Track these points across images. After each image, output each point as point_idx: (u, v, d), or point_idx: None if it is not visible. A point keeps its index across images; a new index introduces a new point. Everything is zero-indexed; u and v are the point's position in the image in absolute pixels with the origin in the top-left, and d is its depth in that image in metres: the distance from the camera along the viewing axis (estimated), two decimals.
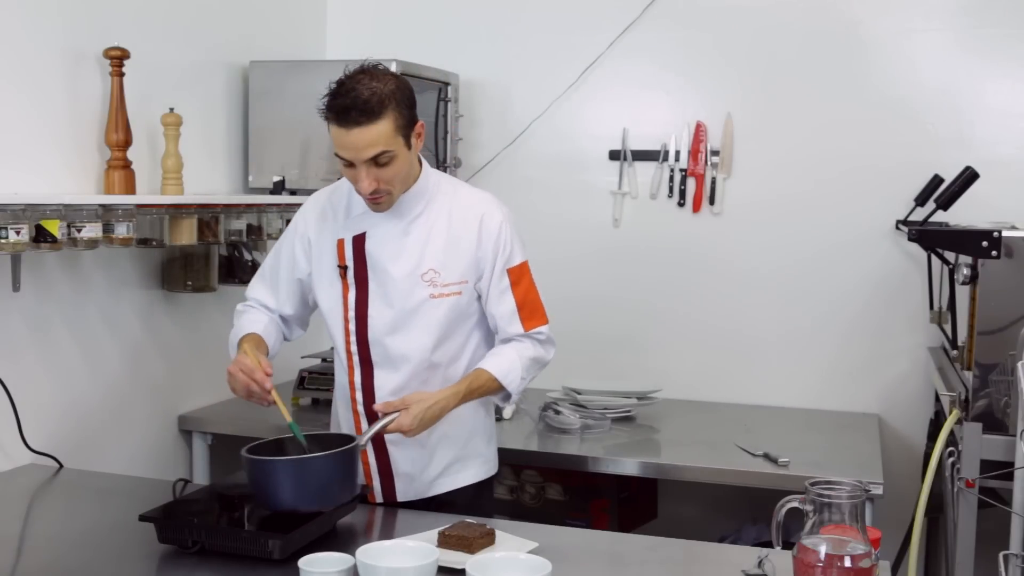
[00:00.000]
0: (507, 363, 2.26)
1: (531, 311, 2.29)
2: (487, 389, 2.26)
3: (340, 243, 2.28)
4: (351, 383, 2.30)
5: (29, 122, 2.57)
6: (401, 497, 2.33)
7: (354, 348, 2.29)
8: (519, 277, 2.29)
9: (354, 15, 3.88)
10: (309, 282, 2.35)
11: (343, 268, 2.28)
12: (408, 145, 2.13)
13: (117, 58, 2.70)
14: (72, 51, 2.68)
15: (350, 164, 2.11)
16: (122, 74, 2.72)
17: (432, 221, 2.26)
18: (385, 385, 2.27)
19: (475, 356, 2.33)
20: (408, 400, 2.15)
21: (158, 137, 2.93)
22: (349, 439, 2.10)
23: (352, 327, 2.28)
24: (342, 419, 2.39)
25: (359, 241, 2.26)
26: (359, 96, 2.05)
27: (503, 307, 2.28)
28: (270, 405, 2.17)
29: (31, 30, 2.57)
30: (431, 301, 2.24)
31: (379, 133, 2.06)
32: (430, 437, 2.27)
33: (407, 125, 2.11)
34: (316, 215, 2.34)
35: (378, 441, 2.26)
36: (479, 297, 2.30)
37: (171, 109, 2.91)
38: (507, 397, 2.31)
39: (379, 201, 2.17)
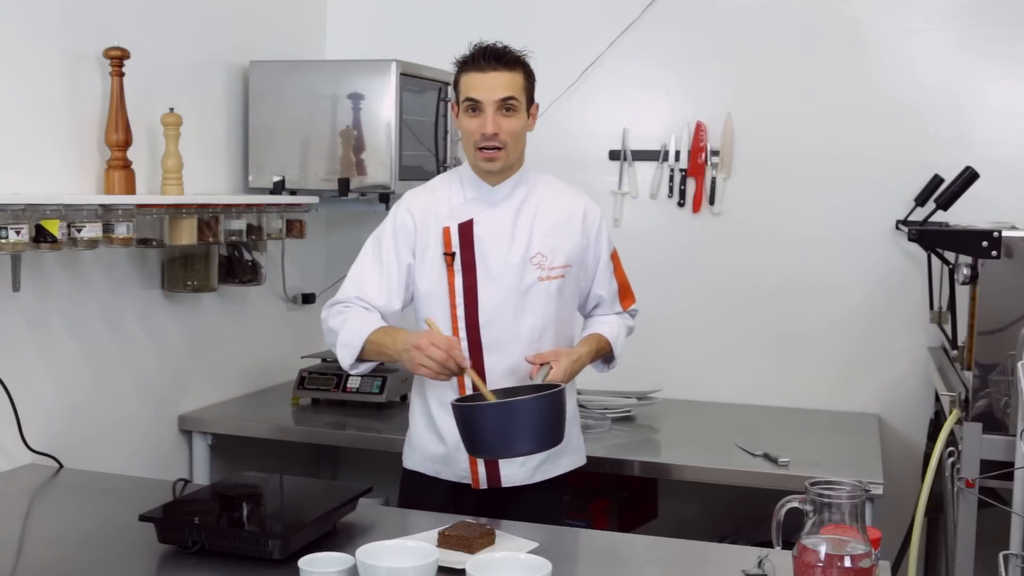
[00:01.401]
0: (616, 329, 2.49)
1: (627, 291, 2.56)
2: (603, 351, 2.46)
3: (446, 231, 2.33)
4: None
5: (29, 122, 2.57)
6: (505, 482, 2.37)
7: (463, 333, 2.33)
8: (617, 263, 2.54)
9: (354, 15, 3.88)
10: (412, 271, 2.36)
11: (450, 255, 2.32)
12: (528, 111, 2.33)
13: (117, 58, 2.70)
14: (72, 51, 2.68)
15: (476, 111, 2.26)
16: (122, 74, 2.72)
17: (536, 207, 2.37)
18: (496, 367, 2.32)
19: (574, 342, 2.46)
20: (558, 353, 2.29)
21: (158, 137, 2.93)
22: (544, 386, 2.16)
23: (461, 312, 2.32)
24: (437, 410, 2.37)
25: (467, 228, 2.33)
26: (498, 48, 2.28)
27: (612, 288, 2.52)
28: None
29: (31, 30, 2.57)
30: (539, 284, 2.35)
31: (513, 79, 2.28)
32: None
33: (530, 91, 2.34)
34: (419, 205, 2.38)
35: None
36: (579, 284, 2.45)
37: (171, 109, 2.91)
38: (609, 360, 2.51)
39: (495, 155, 2.28)
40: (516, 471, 2.37)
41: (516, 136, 2.30)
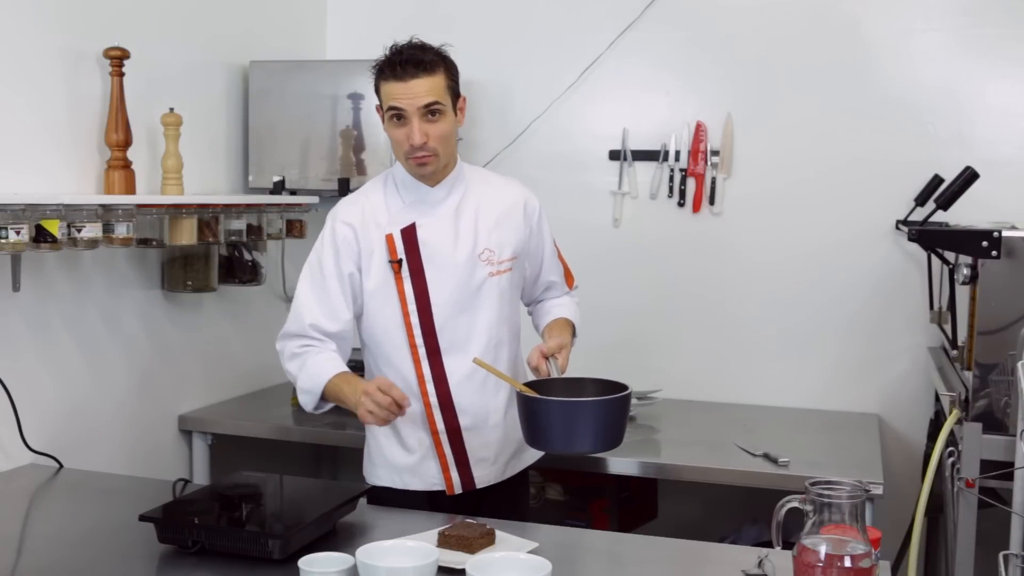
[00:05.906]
0: (574, 309, 2.57)
1: (568, 273, 2.63)
2: (573, 332, 2.49)
3: (389, 238, 2.30)
4: (420, 377, 2.31)
5: (29, 122, 2.57)
6: (479, 484, 2.37)
7: (419, 340, 2.31)
8: (557, 248, 2.58)
9: (354, 15, 3.88)
10: (358, 284, 2.32)
11: (396, 262, 2.29)
12: (454, 110, 2.28)
13: (117, 58, 2.71)
14: (72, 51, 2.68)
15: (401, 120, 2.21)
16: (122, 74, 2.72)
17: (476, 203, 2.36)
18: (457, 370, 2.31)
19: (520, 329, 2.49)
20: (562, 345, 2.30)
21: (158, 137, 2.93)
22: (611, 384, 2.17)
23: (415, 319, 2.30)
24: (401, 419, 2.34)
25: (409, 232, 2.30)
26: (414, 53, 2.21)
27: (558, 272, 2.58)
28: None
29: (31, 30, 2.57)
30: (490, 280, 2.34)
31: (434, 83, 2.21)
32: (505, 418, 2.36)
33: (454, 89, 2.27)
34: (355, 214, 2.33)
35: (453, 432, 2.33)
36: (523, 274, 2.46)
37: (171, 109, 2.91)
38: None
39: (426, 161, 2.25)
40: (488, 471, 2.37)
41: (445, 140, 2.25)
